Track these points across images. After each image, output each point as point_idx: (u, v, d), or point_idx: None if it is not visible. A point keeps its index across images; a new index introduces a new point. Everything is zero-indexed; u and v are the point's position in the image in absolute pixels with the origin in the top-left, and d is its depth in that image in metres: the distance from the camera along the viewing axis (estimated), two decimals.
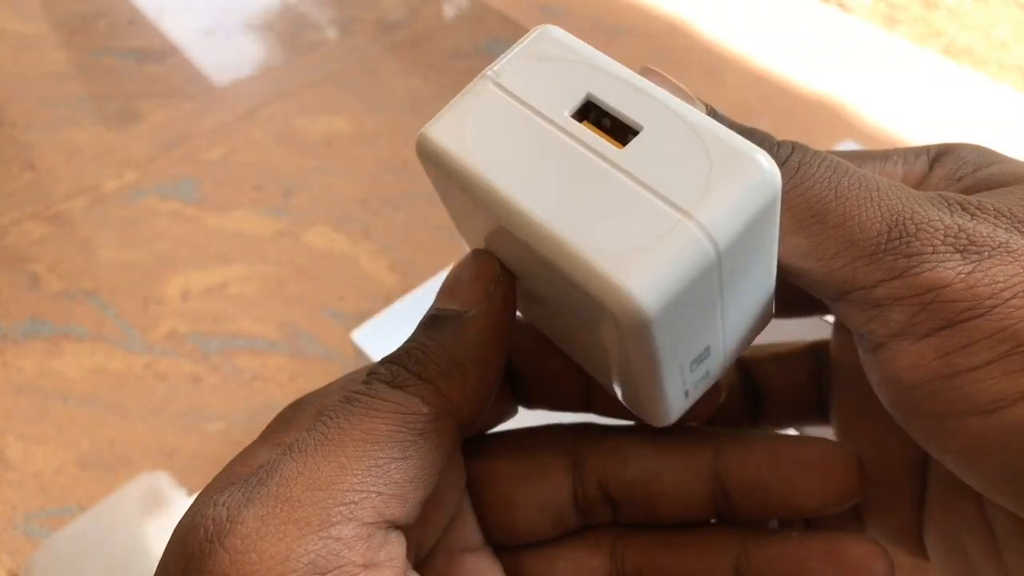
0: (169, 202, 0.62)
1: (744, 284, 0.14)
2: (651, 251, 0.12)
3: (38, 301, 0.55)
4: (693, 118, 0.13)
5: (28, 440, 0.48)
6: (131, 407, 0.49)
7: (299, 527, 0.12)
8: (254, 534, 0.12)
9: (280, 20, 0.82)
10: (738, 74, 0.75)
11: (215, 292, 0.55)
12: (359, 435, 0.13)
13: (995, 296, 0.13)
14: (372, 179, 0.64)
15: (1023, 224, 0.14)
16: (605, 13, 0.81)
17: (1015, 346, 0.13)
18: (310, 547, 0.12)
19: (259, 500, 0.13)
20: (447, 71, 0.75)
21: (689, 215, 0.13)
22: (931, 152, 0.17)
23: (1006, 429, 0.13)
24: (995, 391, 0.13)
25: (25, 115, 0.70)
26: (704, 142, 0.13)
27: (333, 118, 0.70)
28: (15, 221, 0.61)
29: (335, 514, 0.13)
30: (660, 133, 0.14)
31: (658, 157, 0.13)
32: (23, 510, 0.45)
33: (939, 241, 0.14)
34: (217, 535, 0.12)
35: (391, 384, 0.14)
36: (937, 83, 0.74)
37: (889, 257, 0.14)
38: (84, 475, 0.46)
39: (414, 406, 0.14)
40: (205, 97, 0.72)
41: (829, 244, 0.14)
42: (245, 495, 0.13)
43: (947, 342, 0.13)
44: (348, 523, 0.13)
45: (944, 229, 0.14)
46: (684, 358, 0.14)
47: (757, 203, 0.13)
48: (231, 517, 0.12)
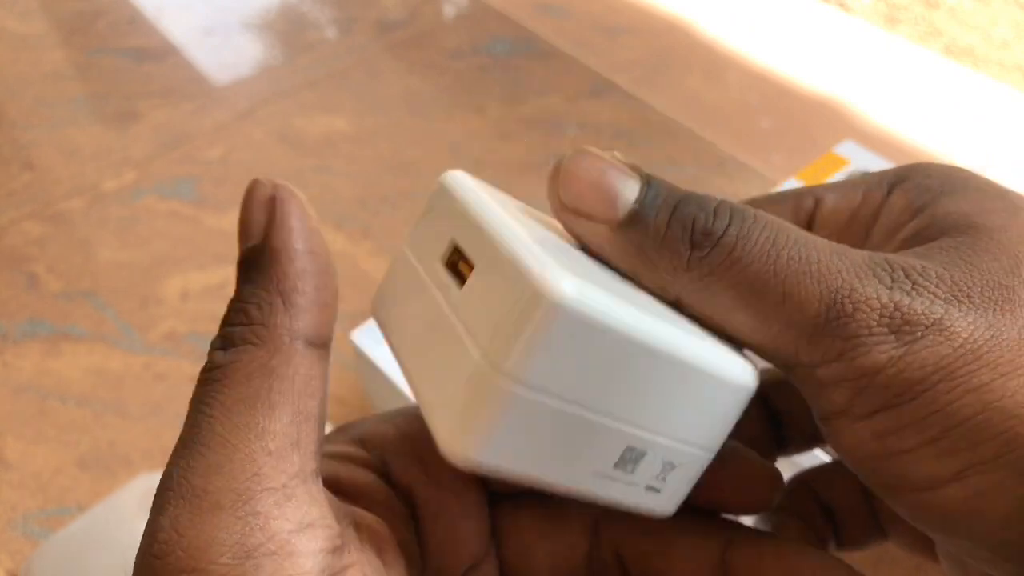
0: (168, 202, 0.62)
1: (629, 385, 0.14)
2: (460, 403, 0.13)
3: (37, 301, 0.55)
4: (517, 251, 0.13)
5: (27, 440, 0.48)
6: (130, 407, 0.49)
7: (213, 514, 0.12)
8: (174, 536, 0.12)
9: (280, 20, 0.82)
10: (738, 74, 0.75)
11: (214, 292, 0.55)
12: (225, 412, 0.13)
13: (925, 380, 0.13)
14: (372, 179, 0.64)
15: (963, 293, 0.14)
16: (605, 13, 0.81)
17: (943, 430, 0.13)
18: (231, 529, 0.12)
19: (169, 505, 0.13)
20: (447, 71, 0.75)
21: (489, 358, 0.13)
22: (889, 177, 0.17)
23: (945, 507, 0.13)
24: (929, 473, 0.13)
25: (24, 115, 0.70)
26: (518, 275, 0.13)
27: (333, 118, 0.69)
28: (14, 221, 0.61)
29: (244, 491, 0.12)
30: (488, 270, 0.14)
31: (481, 297, 0.14)
32: (22, 510, 0.45)
33: (874, 322, 0.14)
34: (147, 550, 0.12)
35: (224, 349, 0.14)
36: (937, 83, 0.73)
37: (827, 339, 0.14)
38: (83, 475, 0.46)
39: (251, 356, 0.14)
40: (204, 97, 0.72)
41: (771, 322, 0.14)
42: (157, 507, 0.13)
43: (881, 425, 0.14)
44: (261, 493, 0.13)
45: (880, 308, 0.14)
46: (594, 468, 0.14)
47: (552, 330, 0.12)
48: (150, 530, 0.13)
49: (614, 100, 0.71)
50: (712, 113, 0.70)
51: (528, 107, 0.70)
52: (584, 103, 0.70)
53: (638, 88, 0.72)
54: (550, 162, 0.72)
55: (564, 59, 0.75)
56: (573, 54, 0.75)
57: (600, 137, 0.67)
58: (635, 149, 0.66)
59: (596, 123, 0.68)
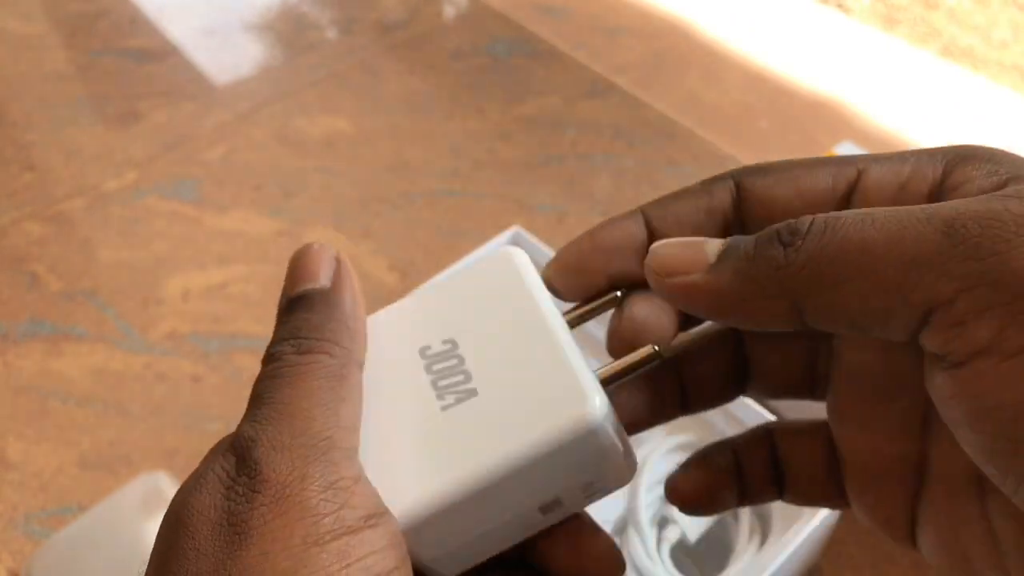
0: (169, 202, 0.62)
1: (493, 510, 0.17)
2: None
3: (38, 301, 0.55)
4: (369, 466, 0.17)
5: (28, 440, 0.48)
6: (131, 407, 0.49)
7: (304, 460, 0.15)
8: (272, 475, 0.15)
9: (280, 20, 0.82)
10: (737, 75, 0.75)
11: (215, 292, 0.55)
12: (307, 392, 0.16)
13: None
14: (372, 179, 0.64)
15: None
16: (605, 14, 0.82)
17: None
18: (318, 469, 0.15)
19: (263, 455, 0.15)
20: (447, 72, 0.75)
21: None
22: (944, 153, 0.16)
23: None
24: None
25: (25, 115, 0.71)
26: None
27: (333, 118, 0.70)
28: (15, 221, 0.61)
29: (323, 446, 0.16)
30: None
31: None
32: (23, 510, 0.45)
33: (1011, 232, 0.12)
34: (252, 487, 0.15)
35: (299, 352, 0.17)
36: (936, 84, 0.74)
37: (961, 264, 0.12)
38: (84, 475, 0.46)
39: (328, 360, 0.17)
40: (205, 97, 0.72)
41: (888, 273, 0.13)
42: (249, 458, 0.15)
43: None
44: (334, 451, 0.16)
45: (1014, 218, 0.12)
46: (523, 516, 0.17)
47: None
48: (251, 472, 0.15)
49: (614, 100, 0.71)
50: (711, 113, 0.70)
51: (528, 107, 0.70)
52: (584, 103, 0.71)
53: (638, 88, 0.72)
54: (550, 162, 0.73)
55: (564, 59, 0.75)
56: (573, 54, 0.75)
57: (600, 137, 0.67)
58: (635, 149, 0.66)
59: (596, 123, 0.69)
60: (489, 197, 0.61)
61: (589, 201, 0.61)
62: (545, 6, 0.82)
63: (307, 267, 0.19)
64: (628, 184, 0.63)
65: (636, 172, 0.64)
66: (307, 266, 0.19)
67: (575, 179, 0.63)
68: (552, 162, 0.65)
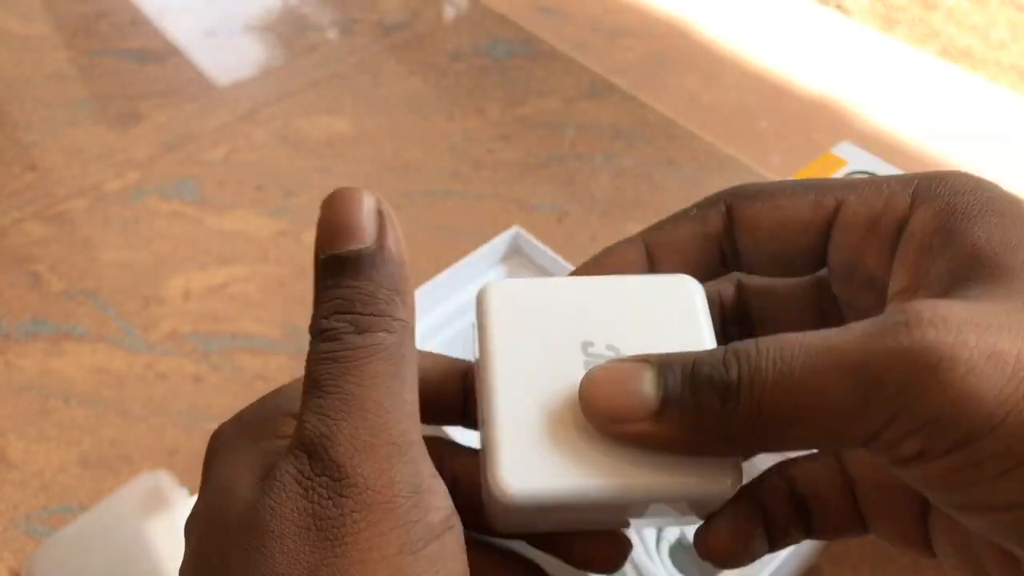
0: (170, 202, 0.63)
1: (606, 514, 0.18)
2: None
3: (39, 301, 0.55)
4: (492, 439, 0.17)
5: (29, 439, 0.48)
6: (132, 407, 0.49)
7: (387, 462, 0.15)
8: (360, 479, 0.15)
9: (281, 21, 0.82)
10: (737, 75, 0.75)
11: (216, 292, 0.55)
12: (375, 383, 0.16)
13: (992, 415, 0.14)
14: (372, 179, 0.64)
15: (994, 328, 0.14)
16: (604, 14, 0.82)
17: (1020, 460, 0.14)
18: (403, 471, 0.15)
19: (347, 457, 0.15)
20: (447, 72, 0.75)
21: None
22: (913, 185, 0.18)
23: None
24: (1009, 498, 0.14)
25: (26, 115, 0.71)
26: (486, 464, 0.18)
27: (334, 119, 0.70)
28: (16, 221, 0.61)
29: (401, 443, 0.15)
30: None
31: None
32: (24, 509, 0.45)
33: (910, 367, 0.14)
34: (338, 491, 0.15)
35: (358, 332, 0.16)
36: (935, 84, 0.74)
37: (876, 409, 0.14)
38: (85, 474, 0.46)
39: (388, 339, 0.16)
40: (206, 97, 0.72)
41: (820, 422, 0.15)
42: (332, 458, 0.15)
43: (958, 461, 0.14)
44: (411, 446, 0.16)
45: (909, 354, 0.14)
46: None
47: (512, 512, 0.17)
48: (334, 475, 0.15)
49: (613, 101, 0.71)
50: (711, 114, 0.70)
51: (528, 108, 0.70)
52: (583, 104, 0.71)
53: (637, 89, 0.72)
54: (550, 162, 0.73)
55: (564, 60, 0.75)
56: (572, 55, 0.76)
57: (600, 138, 0.67)
58: (634, 149, 0.66)
59: (595, 124, 0.69)
60: (489, 197, 0.61)
61: (589, 201, 0.61)
62: (545, 7, 0.82)
63: (349, 220, 0.17)
64: (628, 184, 0.63)
65: (636, 172, 0.64)
66: (349, 219, 0.17)
67: (575, 179, 0.64)
68: (552, 162, 0.65)
